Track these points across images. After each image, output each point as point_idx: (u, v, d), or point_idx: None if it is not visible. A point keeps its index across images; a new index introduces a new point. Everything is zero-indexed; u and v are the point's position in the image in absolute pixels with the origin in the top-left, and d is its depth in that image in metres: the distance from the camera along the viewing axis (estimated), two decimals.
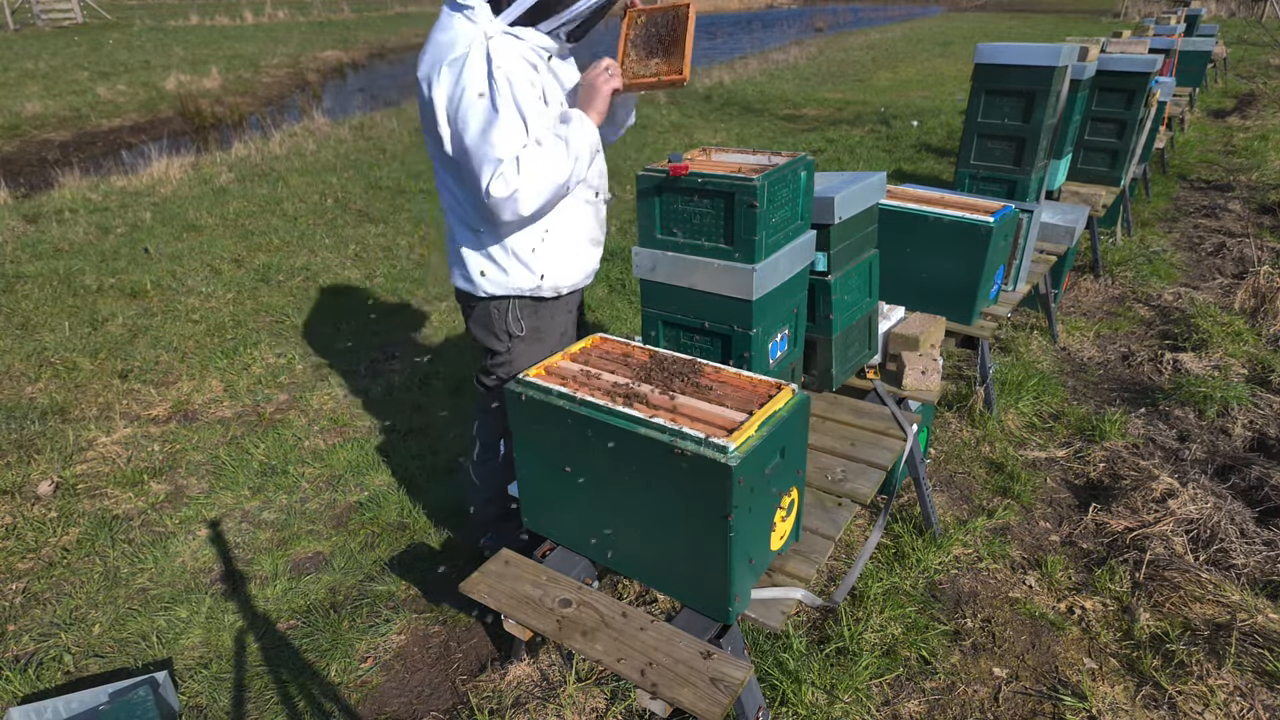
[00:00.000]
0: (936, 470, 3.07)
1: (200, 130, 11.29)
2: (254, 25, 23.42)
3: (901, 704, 2.08)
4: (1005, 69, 3.40)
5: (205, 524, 2.84)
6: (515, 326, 2.08)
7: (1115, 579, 2.46)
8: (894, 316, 2.59)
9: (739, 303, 1.87)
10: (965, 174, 3.69)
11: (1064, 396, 3.56)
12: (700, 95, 12.30)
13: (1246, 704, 2.03)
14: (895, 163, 7.69)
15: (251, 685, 2.18)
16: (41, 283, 4.98)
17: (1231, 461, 2.93)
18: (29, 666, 2.23)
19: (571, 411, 1.61)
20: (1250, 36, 17.08)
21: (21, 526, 2.82)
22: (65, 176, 7.79)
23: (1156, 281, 4.74)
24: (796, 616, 2.35)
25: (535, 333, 2.11)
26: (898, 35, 22.07)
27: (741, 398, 1.62)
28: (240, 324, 4.44)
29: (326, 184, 7.33)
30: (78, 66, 14.53)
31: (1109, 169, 4.68)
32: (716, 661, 1.52)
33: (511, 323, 2.08)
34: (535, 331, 2.11)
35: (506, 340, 2.11)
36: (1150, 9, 22.46)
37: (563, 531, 1.85)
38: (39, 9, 22.49)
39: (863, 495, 1.99)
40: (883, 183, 2.36)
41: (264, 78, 14.66)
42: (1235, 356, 3.72)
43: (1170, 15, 8.47)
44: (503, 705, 2.09)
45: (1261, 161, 7.25)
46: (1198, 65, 7.66)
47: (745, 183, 1.74)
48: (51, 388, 3.76)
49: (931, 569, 2.53)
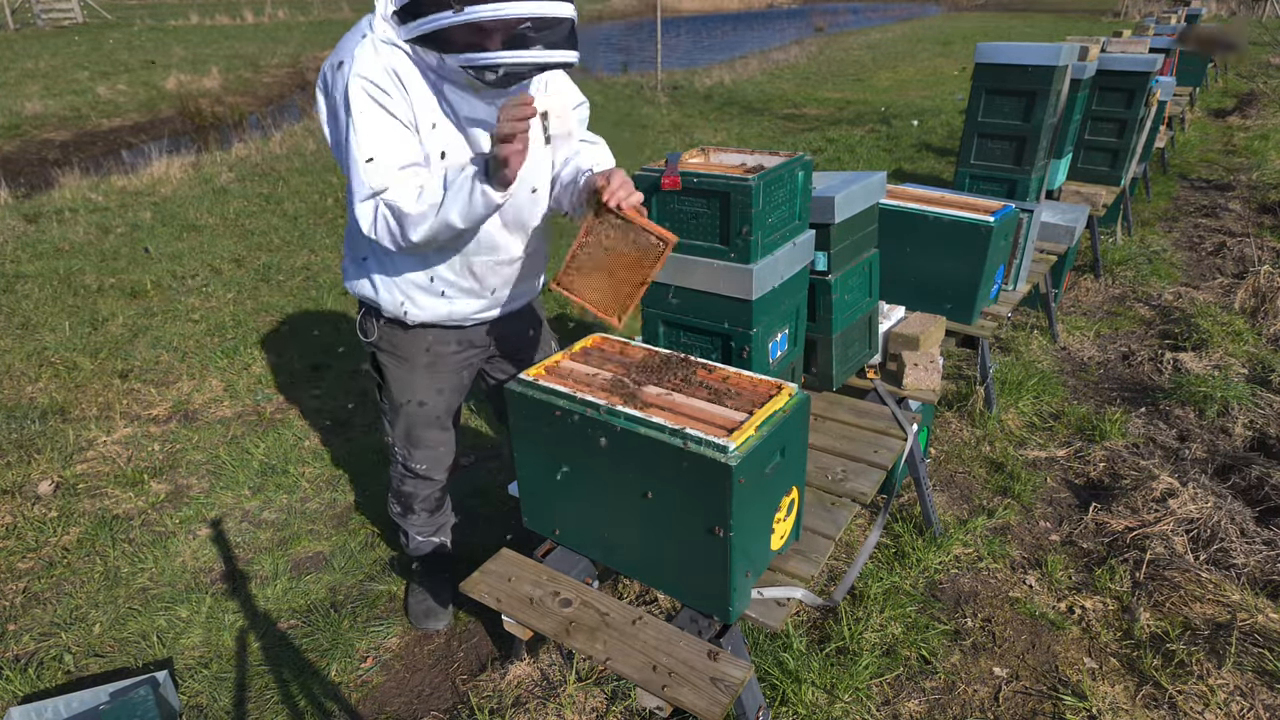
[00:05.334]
0: (936, 470, 3.07)
1: (200, 130, 11.29)
2: (254, 25, 23.42)
3: (901, 703, 2.08)
4: (1005, 69, 3.40)
5: (205, 524, 2.85)
6: (368, 330, 2.01)
7: (1115, 579, 2.46)
8: (894, 316, 2.59)
9: (739, 302, 1.87)
10: (965, 173, 3.69)
11: (1064, 396, 3.56)
12: (700, 95, 12.30)
13: (1246, 704, 2.03)
14: (895, 162, 7.69)
15: (252, 685, 2.18)
16: (42, 282, 4.98)
17: (1231, 461, 2.93)
18: (29, 666, 2.23)
19: (571, 410, 1.61)
20: (1250, 36, 17.07)
21: (22, 526, 2.82)
22: (65, 176, 7.79)
23: (1157, 281, 4.74)
24: (796, 616, 2.35)
25: (390, 345, 2.00)
26: (898, 35, 22.07)
27: (741, 397, 1.61)
28: (240, 324, 4.44)
29: (326, 184, 7.33)
30: (78, 66, 14.53)
31: (1109, 168, 4.68)
32: (716, 661, 1.52)
33: (365, 324, 2.02)
34: (390, 344, 2.00)
35: (364, 342, 2.04)
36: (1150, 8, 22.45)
37: (563, 531, 1.85)
38: (39, 9, 22.49)
39: (863, 495, 1.99)
40: (883, 182, 2.36)
41: (264, 78, 14.66)
42: (1235, 356, 3.72)
43: (1170, 15, 8.47)
44: (503, 705, 2.09)
45: (1261, 161, 7.24)
46: (1198, 65, 7.67)
47: (740, 183, 1.74)
48: (51, 388, 3.76)
49: (931, 568, 2.53)
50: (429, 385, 2.04)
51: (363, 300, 1.97)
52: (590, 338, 1.93)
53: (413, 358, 2.00)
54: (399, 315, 1.91)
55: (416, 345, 1.99)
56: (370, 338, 2.02)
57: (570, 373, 1.75)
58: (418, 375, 2.03)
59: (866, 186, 2.24)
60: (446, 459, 2.21)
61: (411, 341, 1.98)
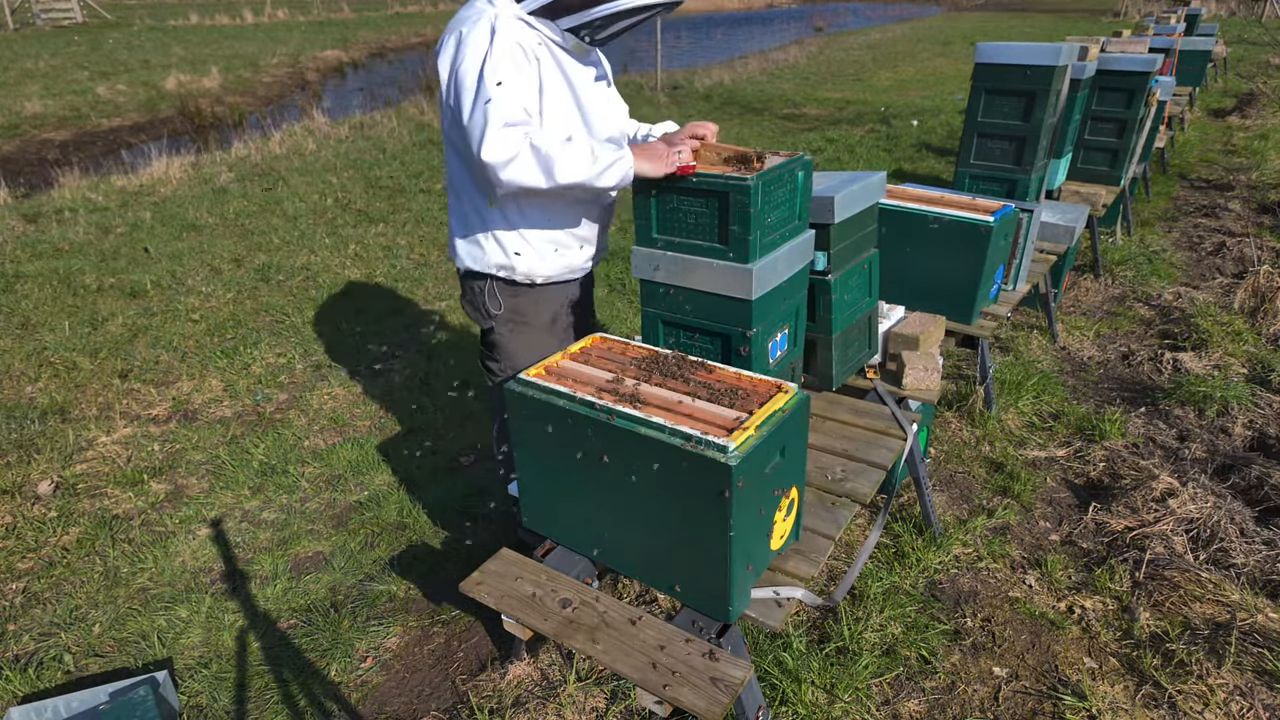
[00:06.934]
0: (936, 470, 3.07)
1: (200, 130, 11.29)
2: (254, 25, 23.42)
3: (901, 703, 2.08)
4: (1005, 68, 3.40)
5: (205, 524, 2.85)
6: (493, 304, 2.09)
7: (1115, 578, 2.46)
8: (894, 316, 2.59)
9: (738, 302, 1.87)
10: (965, 173, 3.68)
11: (1064, 396, 3.56)
12: (700, 95, 12.30)
13: (1246, 703, 2.03)
14: (895, 162, 7.69)
15: (252, 685, 2.18)
16: (41, 282, 4.98)
17: (1231, 461, 2.93)
18: (29, 666, 2.23)
19: (571, 410, 1.61)
20: (1250, 36, 17.08)
21: (21, 526, 2.82)
22: (65, 176, 7.79)
23: (1156, 281, 4.74)
24: (796, 616, 2.35)
25: (516, 314, 2.11)
26: (898, 35, 22.07)
27: (741, 397, 1.62)
28: (240, 324, 4.44)
29: (326, 184, 7.33)
30: (78, 66, 14.53)
31: (1109, 168, 4.68)
32: (716, 661, 1.52)
33: (489, 301, 2.09)
34: (516, 313, 2.11)
35: (487, 319, 2.13)
36: (1150, 8, 22.45)
37: (563, 531, 1.85)
38: (39, 8, 22.49)
39: (863, 495, 1.99)
40: (883, 182, 2.36)
41: (264, 77, 14.66)
42: (1235, 356, 3.72)
43: (1170, 14, 8.47)
44: (503, 705, 2.09)
45: (1261, 161, 7.25)
46: (1198, 64, 7.66)
47: (739, 182, 1.74)
48: (51, 387, 3.76)
49: (931, 568, 2.53)
50: (549, 345, 2.12)
51: (487, 272, 2.04)
52: (590, 337, 1.93)
53: (537, 320, 2.11)
54: (530, 274, 2.02)
55: (541, 306, 2.10)
56: (496, 312, 2.09)
57: (570, 372, 1.75)
58: (540, 337, 2.12)
59: (866, 186, 2.24)
60: None
61: (536, 303, 2.09)
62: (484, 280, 2.08)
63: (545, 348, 2.08)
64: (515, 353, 2.15)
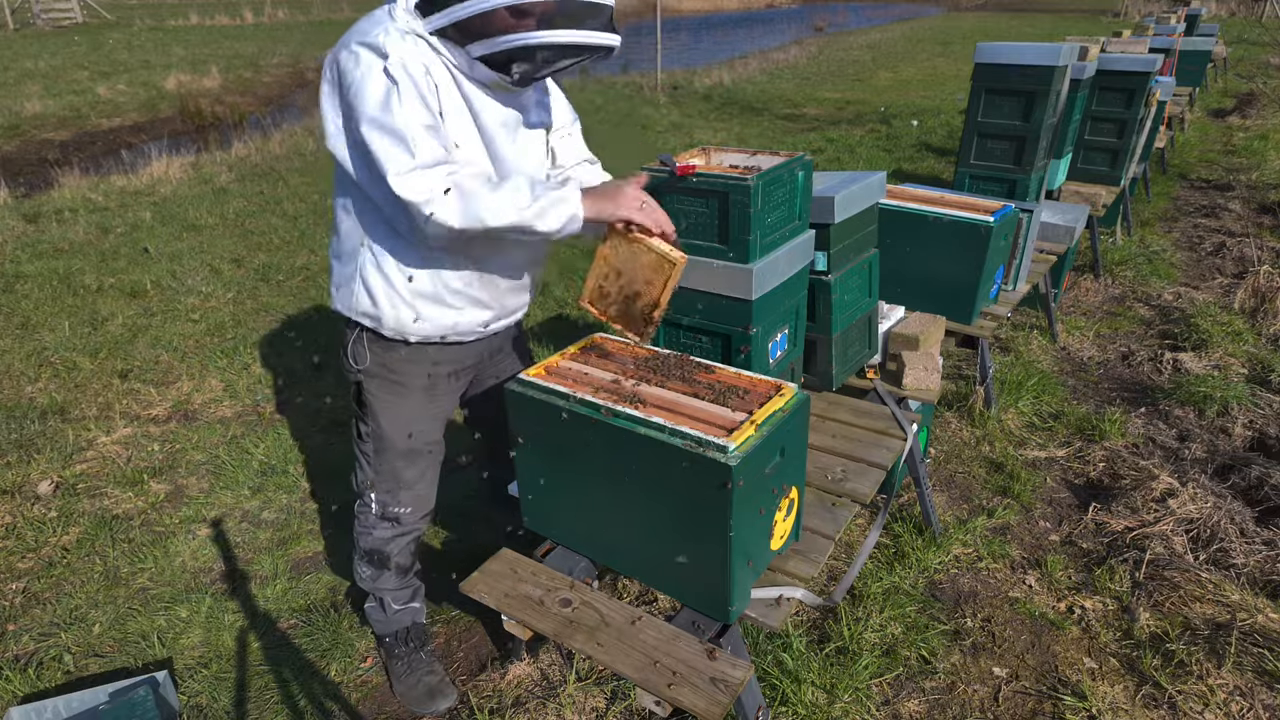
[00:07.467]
0: (936, 470, 3.07)
1: (200, 130, 11.28)
2: (254, 25, 23.41)
3: (901, 703, 2.08)
4: (1005, 68, 3.40)
5: (205, 524, 2.85)
6: (359, 356, 1.84)
7: (1115, 579, 2.46)
8: (894, 316, 2.59)
9: (738, 302, 1.87)
10: (965, 173, 3.69)
11: (1064, 396, 3.56)
12: (700, 95, 12.30)
13: (1246, 703, 2.03)
14: (895, 162, 7.69)
15: (252, 685, 2.18)
16: (41, 282, 4.98)
17: (1231, 461, 2.93)
18: (29, 666, 2.23)
19: (570, 411, 1.61)
20: (1250, 36, 17.08)
21: (21, 526, 2.82)
22: (65, 176, 7.78)
23: (1156, 281, 4.74)
24: (796, 616, 2.35)
25: (386, 370, 1.85)
26: (898, 35, 22.07)
27: (741, 397, 1.62)
28: (240, 324, 4.44)
29: (326, 184, 7.29)
30: (78, 66, 14.52)
31: (1109, 168, 4.68)
32: (716, 661, 1.52)
33: (356, 350, 1.84)
34: (385, 369, 1.85)
35: (354, 370, 1.88)
36: (1150, 8, 22.45)
37: (563, 531, 1.85)
38: (39, 8, 22.48)
39: (863, 495, 1.99)
40: (883, 182, 2.36)
41: (264, 77, 14.65)
42: (1235, 356, 3.72)
43: (1170, 15, 8.48)
44: (503, 705, 2.09)
45: (1261, 161, 7.25)
46: (1198, 65, 7.66)
47: (739, 183, 1.74)
48: (51, 388, 3.76)
49: (931, 568, 2.53)
50: (425, 411, 1.92)
51: (357, 320, 1.79)
52: (590, 337, 1.93)
53: (410, 381, 1.87)
54: (402, 330, 1.76)
55: (416, 366, 1.85)
56: (362, 364, 1.85)
57: (570, 372, 1.75)
58: (414, 401, 1.89)
59: (866, 186, 2.24)
60: (430, 501, 2.06)
61: (410, 362, 1.84)
62: (354, 328, 1.83)
63: (420, 413, 1.90)
64: (380, 414, 1.89)
